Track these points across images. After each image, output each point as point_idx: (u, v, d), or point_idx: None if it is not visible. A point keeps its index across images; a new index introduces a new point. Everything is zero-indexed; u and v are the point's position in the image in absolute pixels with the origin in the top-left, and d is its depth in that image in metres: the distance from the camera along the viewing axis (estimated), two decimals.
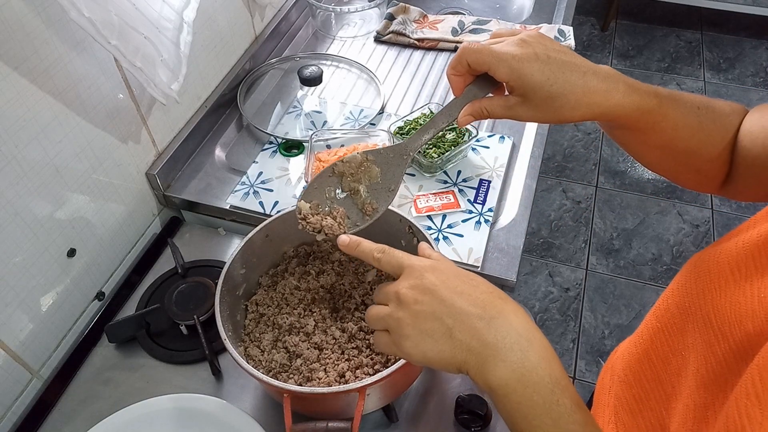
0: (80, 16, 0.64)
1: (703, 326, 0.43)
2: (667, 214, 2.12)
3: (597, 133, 2.41)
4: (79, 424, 0.72)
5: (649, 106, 0.52)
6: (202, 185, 0.97)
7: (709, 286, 0.43)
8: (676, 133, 0.54)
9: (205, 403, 0.69)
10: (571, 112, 0.52)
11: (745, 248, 0.41)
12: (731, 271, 0.42)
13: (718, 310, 0.41)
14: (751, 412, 0.34)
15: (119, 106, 0.83)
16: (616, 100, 0.51)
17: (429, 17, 1.32)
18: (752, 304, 0.39)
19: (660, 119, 0.53)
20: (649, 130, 0.54)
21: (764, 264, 0.39)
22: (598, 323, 1.83)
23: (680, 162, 0.57)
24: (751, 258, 0.40)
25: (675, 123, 0.53)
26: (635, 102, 0.52)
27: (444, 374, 0.75)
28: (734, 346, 0.40)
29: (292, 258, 0.79)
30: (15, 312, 0.72)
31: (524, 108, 0.53)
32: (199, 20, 0.90)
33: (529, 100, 0.52)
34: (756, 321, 0.38)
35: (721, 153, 0.54)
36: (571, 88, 0.51)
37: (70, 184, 0.77)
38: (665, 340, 0.50)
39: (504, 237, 0.88)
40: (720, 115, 0.54)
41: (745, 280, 0.40)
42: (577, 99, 0.51)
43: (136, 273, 0.89)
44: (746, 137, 0.53)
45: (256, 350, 0.71)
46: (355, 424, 0.58)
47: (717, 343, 0.41)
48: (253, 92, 1.15)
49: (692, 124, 0.54)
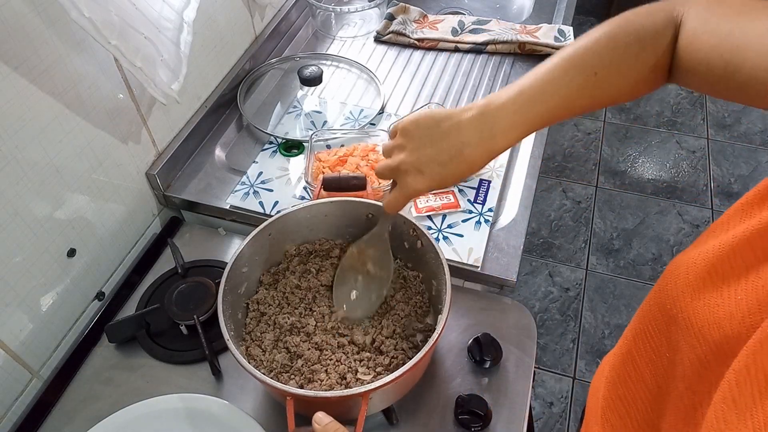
0: (80, 16, 0.64)
1: (684, 328, 0.43)
2: (667, 214, 2.12)
3: (597, 133, 2.41)
4: (79, 424, 0.72)
5: (539, 123, 0.56)
6: (202, 185, 0.97)
7: (687, 288, 0.43)
8: (589, 103, 0.56)
9: (206, 403, 0.69)
10: (470, 173, 0.58)
11: (720, 250, 0.41)
12: (708, 273, 0.42)
13: (697, 312, 0.41)
14: (728, 416, 0.34)
15: (119, 106, 0.83)
16: (503, 144, 0.56)
17: (429, 17, 1.32)
18: (729, 307, 0.39)
19: (560, 117, 0.56)
20: (562, 119, 0.58)
21: (739, 266, 0.39)
22: (598, 323, 1.83)
23: (622, 97, 0.58)
24: (727, 260, 0.40)
25: (581, 106, 0.56)
26: (521, 134, 0.56)
27: (444, 374, 0.75)
28: (714, 348, 0.40)
29: (294, 256, 0.79)
30: (15, 312, 0.72)
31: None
32: (199, 20, 0.90)
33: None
34: (733, 323, 0.38)
35: (654, 67, 0.55)
36: (455, 170, 0.57)
37: (70, 184, 0.77)
38: (647, 341, 0.50)
39: (504, 237, 0.88)
40: (640, 48, 0.54)
41: (722, 282, 0.40)
42: (467, 170, 0.58)
43: (136, 273, 0.89)
44: (686, 51, 0.52)
45: (258, 350, 0.71)
46: (357, 430, 0.58)
47: (698, 345, 0.41)
48: (253, 92, 1.15)
49: (600, 85, 0.55)
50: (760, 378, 0.33)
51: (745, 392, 0.34)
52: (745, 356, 0.35)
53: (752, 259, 0.39)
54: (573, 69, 0.55)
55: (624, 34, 0.54)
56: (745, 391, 0.34)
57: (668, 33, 0.53)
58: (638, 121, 2.45)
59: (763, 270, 0.38)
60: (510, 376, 0.75)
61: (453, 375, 0.75)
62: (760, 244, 0.38)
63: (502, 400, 0.73)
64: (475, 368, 0.76)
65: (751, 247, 0.39)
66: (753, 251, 0.39)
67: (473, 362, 0.75)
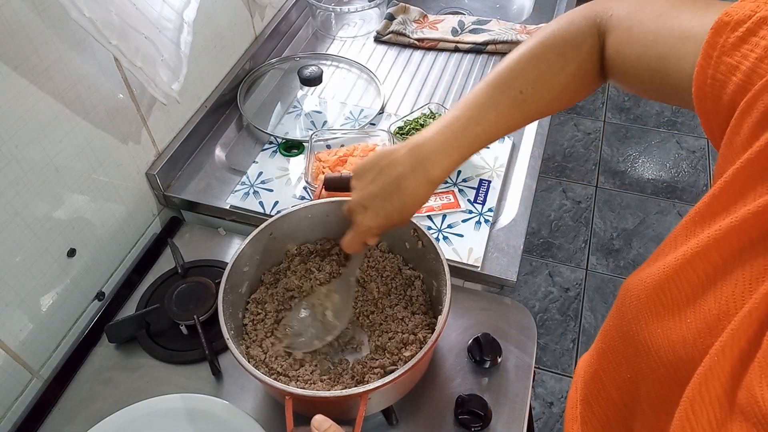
0: (81, 16, 0.64)
1: (642, 351, 0.42)
2: (667, 214, 2.12)
3: (597, 133, 2.41)
4: (79, 424, 0.72)
5: (472, 147, 0.58)
6: (202, 185, 0.97)
7: (641, 310, 0.43)
8: (521, 119, 0.58)
9: (206, 403, 0.69)
10: (415, 204, 0.61)
11: (665, 272, 0.41)
12: (657, 295, 0.41)
13: (652, 335, 0.41)
14: None
15: (119, 106, 0.83)
16: (438, 172, 0.58)
17: (429, 17, 1.32)
18: (681, 330, 0.38)
19: (494, 137, 0.58)
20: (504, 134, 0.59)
21: (685, 288, 0.39)
22: (598, 323, 1.82)
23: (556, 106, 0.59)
24: (673, 282, 0.40)
25: (514, 124, 0.58)
26: (455, 160, 0.58)
27: (444, 374, 0.75)
28: (671, 370, 0.39)
29: (295, 256, 0.79)
30: (15, 312, 0.72)
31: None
32: (199, 20, 0.90)
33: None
34: (686, 347, 0.38)
35: (578, 75, 0.56)
36: (397, 203, 0.60)
37: (70, 184, 0.77)
38: (611, 362, 0.49)
39: (504, 237, 0.88)
40: (564, 61, 0.55)
41: (671, 304, 0.40)
42: (410, 201, 0.60)
43: (136, 273, 0.89)
44: (613, 60, 0.53)
45: (258, 350, 0.71)
46: (356, 430, 0.58)
47: (657, 367, 0.41)
48: (253, 92, 1.15)
49: (528, 101, 0.57)
50: (714, 405, 0.33)
51: (701, 420, 0.34)
52: (697, 383, 0.35)
53: (695, 280, 0.38)
54: (496, 92, 0.57)
55: (545, 49, 0.56)
56: (701, 418, 0.34)
57: (590, 40, 0.54)
58: (638, 121, 2.45)
59: (708, 292, 0.37)
60: (510, 376, 0.75)
61: (453, 375, 0.75)
62: (701, 266, 0.38)
63: (502, 400, 0.73)
64: (475, 368, 0.76)
65: (693, 268, 0.38)
66: (695, 272, 0.38)
67: (473, 362, 0.75)
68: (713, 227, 0.38)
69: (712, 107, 0.41)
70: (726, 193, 0.38)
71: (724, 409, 0.33)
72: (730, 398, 0.33)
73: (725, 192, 0.38)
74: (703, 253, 0.38)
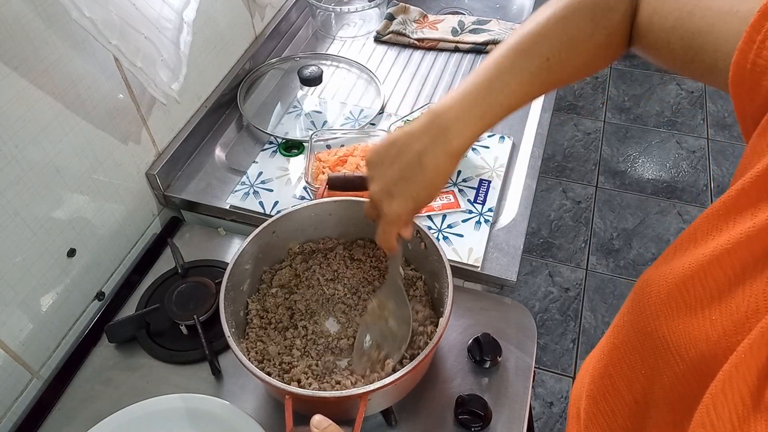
0: (81, 16, 0.64)
1: (660, 346, 0.42)
2: (667, 214, 2.11)
3: (597, 133, 2.41)
4: (79, 424, 0.72)
5: (493, 118, 0.54)
6: (202, 185, 0.97)
7: (660, 306, 0.42)
8: (542, 89, 0.55)
9: (206, 403, 0.69)
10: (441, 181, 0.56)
11: (690, 268, 0.40)
12: (680, 291, 0.40)
13: (672, 331, 0.40)
14: None
15: (119, 106, 0.83)
16: (459, 143, 0.54)
17: (429, 17, 1.32)
18: (704, 327, 0.38)
19: (515, 107, 0.54)
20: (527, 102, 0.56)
21: (710, 285, 0.38)
22: (598, 323, 1.83)
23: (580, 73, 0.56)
24: (698, 278, 0.39)
25: (535, 92, 0.54)
26: (477, 130, 0.54)
27: (444, 374, 0.75)
28: (692, 367, 0.39)
29: (297, 254, 0.79)
30: (15, 312, 0.72)
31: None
32: (199, 20, 0.90)
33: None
34: (709, 344, 0.37)
35: (607, 44, 0.53)
36: (423, 182, 0.55)
37: (70, 184, 0.77)
38: (623, 358, 0.48)
39: (504, 237, 0.88)
40: (594, 27, 0.52)
41: (695, 301, 0.39)
42: (435, 178, 0.55)
43: (136, 273, 0.89)
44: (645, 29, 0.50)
45: (258, 349, 0.71)
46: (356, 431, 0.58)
47: (675, 363, 0.40)
48: (253, 92, 1.15)
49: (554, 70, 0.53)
50: (738, 402, 0.33)
51: (723, 417, 0.33)
52: (721, 380, 0.34)
53: (722, 277, 0.38)
54: (520, 57, 0.53)
55: (575, 14, 0.52)
56: (723, 415, 0.33)
57: (621, 7, 0.51)
58: (638, 121, 2.45)
59: (736, 290, 0.37)
60: (510, 376, 0.75)
61: (453, 375, 0.75)
62: (729, 263, 0.37)
63: (502, 400, 0.73)
64: (475, 368, 0.76)
65: (720, 265, 0.38)
66: (722, 269, 0.38)
67: (473, 362, 0.75)
68: (745, 223, 0.36)
69: (748, 95, 0.39)
70: (756, 188, 0.36)
71: (747, 408, 0.33)
72: (755, 397, 0.32)
73: (755, 186, 0.36)
74: (733, 251, 0.37)
